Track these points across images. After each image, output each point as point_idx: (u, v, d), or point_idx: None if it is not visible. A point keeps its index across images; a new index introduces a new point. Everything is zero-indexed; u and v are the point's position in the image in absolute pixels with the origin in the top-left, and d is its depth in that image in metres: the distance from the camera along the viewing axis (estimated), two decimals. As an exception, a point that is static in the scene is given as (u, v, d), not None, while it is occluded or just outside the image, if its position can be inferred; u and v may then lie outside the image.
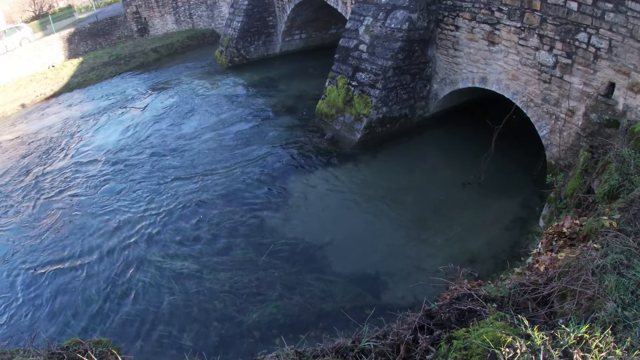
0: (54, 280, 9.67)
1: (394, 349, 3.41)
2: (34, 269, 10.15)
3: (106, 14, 35.03)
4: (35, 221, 12.03)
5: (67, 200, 12.74)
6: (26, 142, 17.88)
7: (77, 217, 11.74)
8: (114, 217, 11.45)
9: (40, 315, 8.83)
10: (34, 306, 9.09)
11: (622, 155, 5.92)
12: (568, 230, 5.26)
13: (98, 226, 11.19)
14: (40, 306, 9.06)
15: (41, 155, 16.31)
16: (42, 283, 9.67)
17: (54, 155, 16.10)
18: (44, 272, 9.99)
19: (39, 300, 9.21)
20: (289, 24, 23.73)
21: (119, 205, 11.94)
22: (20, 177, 14.83)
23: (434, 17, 12.93)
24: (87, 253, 10.31)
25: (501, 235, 9.33)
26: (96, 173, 13.96)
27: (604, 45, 8.74)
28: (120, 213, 11.56)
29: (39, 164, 15.51)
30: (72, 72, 26.46)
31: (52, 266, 10.13)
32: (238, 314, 7.90)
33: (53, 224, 11.68)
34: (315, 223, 10.24)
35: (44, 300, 9.19)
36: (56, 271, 9.94)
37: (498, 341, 2.72)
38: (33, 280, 9.81)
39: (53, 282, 9.61)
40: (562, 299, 3.42)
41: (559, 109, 10.05)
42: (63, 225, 11.54)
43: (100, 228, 11.10)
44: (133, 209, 11.63)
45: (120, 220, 11.24)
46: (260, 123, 16.05)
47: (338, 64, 14.84)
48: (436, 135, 13.80)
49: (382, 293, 8.11)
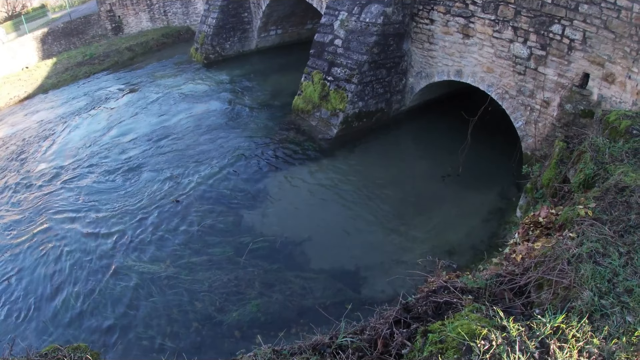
0: (30, 288, 9.42)
1: (371, 344, 3.35)
2: (7, 279, 9.86)
3: (80, 12, 34.35)
4: (7, 228, 11.71)
5: (40, 204, 12.40)
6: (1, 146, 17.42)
7: (49, 221, 11.43)
8: (88, 219, 11.17)
9: (17, 323, 8.59)
10: (11, 315, 8.84)
11: (596, 145, 5.94)
12: (544, 220, 5.26)
13: (71, 230, 10.90)
14: (18, 315, 8.81)
15: (13, 159, 15.88)
16: (18, 292, 9.41)
17: (26, 158, 15.70)
18: (18, 280, 9.72)
19: (15, 309, 8.96)
20: (265, 20, 23.52)
21: (92, 207, 11.65)
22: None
23: (409, 10, 12.91)
24: (61, 258, 10.03)
25: (479, 226, 9.38)
26: (69, 176, 13.62)
27: (578, 37, 8.81)
28: (93, 215, 11.30)
29: (10, 168, 15.09)
30: (46, 73, 25.92)
31: (26, 274, 9.86)
32: (218, 314, 7.78)
33: (25, 229, 11.38)
34: (293, 220, 10.15)
35: (21, 308, 8.94)
36: (31, 278, 9.68)
37: (473, 334, 2.67)
38: (8, 289, 9.54)
39: (29, 290, 9.36)
40: (538, 288, 3.40)
41: (534, 100, 10.12)
42: (35, 230, 11.23)
43: (74, 232, 10.82)
44: (107, 211, 11.36)
45: (94, 223, 10.97)
46: (235, 120, 15.85)
47: (314, 59, 14.74)
48: (413, 129, 13.82)
49: (362, 288, 8.08)
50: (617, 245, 3.49)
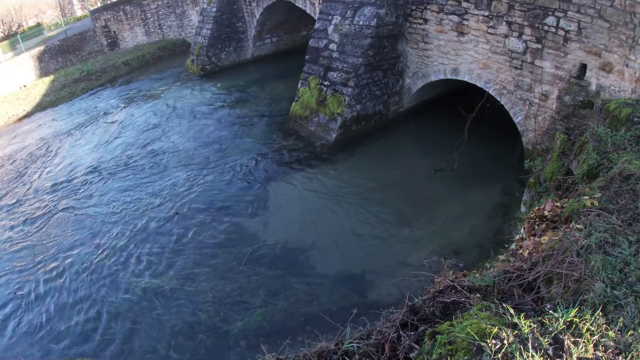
0: (34, 302, 9.34)
1: (378, 348, 3.25)
2: (14, 292, 9.79)
3: (76, 29, 34.43)
4: (9, 242, 11.65)
5: (42, 219, 12.33)
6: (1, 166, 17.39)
7: (51, 236, 11.39)
8: (90, 233, 11.10)
9: (20, 339, 8.49)
10: (15, 330, 8.74)
11: (598, 134, 5.86)
12: (549, 213, 5.16)
13: (74, 245, 10.83)
14: (22, 329, 8.71)
15: (12, 177, 15.84)
16: (21, 307, 9.31)
17: (26, 174, 15.68)
18: (22, 294, 9.64)
19: (19, 324, 8.86)
20: (259, 29, 23.55)
21: (95, 221, 11.59)
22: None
23: (402, 11, 12.87)
24: (65, 272, 9.96)
25: (484, 223, 9.27)
26: (69, 192, 13.55)
27: (573, 28, 8.75)
28: (96, 229, 11.23)
29: (9, 187, 15.04)
30: (44, 91, 26.02)
31: (31, 288, 9.77)
32: (223, 324, 7.67)
33: (28, 244, 11.33)
34: (295, 226, 10.04)
35: (24, 323, 8.84)
36: (36, 293, 9.60)
37: (483, 333, 2.57)
38: (13, 304, 9.46)
39: (33, 305, 9.28)
40: (548, 283, 3.29)
41: (533, 94, 10.04)
42: (38, 244, 11.19)
43: (76, 247, 10.74)
44: (106, 224, 11.30)
45: (98, 237, 10.90)
46: (233, 129, 15.79)
47: (309, 64, 14.69)
48: (412, 130, 13.74)
49: (368, 291, 7.95)
50: (626, 234, 3.39)
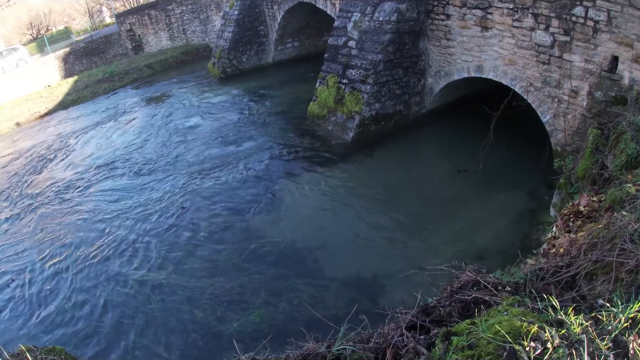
0: (25, 292, 9.06)
1: (378, 354, 2.66)
2: (12, 279, 9.56)
3: (102, 34, 34.81)
4: (15, 231, 11.55)
5: (49, 210, 12.19)
6: (18, 158, 17.37)
7: (55, 225, 11.25)
8: (92, 222, 10.96)
9: (6, 327, 8.20)
10: (2, 319, 8.46)
11: (636, 123, 5.31)
12: (585, 208, 4.53)
13: (73, 233, 10.64)
14: (9, 319, 8.42)
15: (30, 170, 15.77)
16: (13, 296, 9.05)
17: (42, 169, 15.60)
18: (17, 284, 9.41)
19: (8, 313, 8.59)
20: (281, 33, 23.22)
21: (97, 211, 11.47)
22: (5, 190, 14.31)
23: (424, 7, 12.32)
24: (63, 261, 9.72)
25: (509, 228, 8.53)
26: (81, 185, 13.37)
27: (602, 18, 8.10)
28: (97, 218, 11.12)
29: (26, 180, 14.92)
30: (67, 90, 26.22)
31: (24, 276, 9.56)
32: (218, 324, 7.16)
33: (30, 232, 11.22)
34: (306, 226, 9.50)
35: (14, 312, 8.57)
36: (30, 281, 9.36)
37: (518, 332, 1.93)
38: (6, 292, 9.20)
39: (24, 295, 8.99)
40: (590, 280, 2.67)
41: (561, 90, 9.35)
42: (40, 233, 11.05)
43: (75, 235, 10.55)
44: (111, 215, 11.15)
45: (99, 227, 10.73)
46: (249, 129, 15.44)
47: (328, 63, 14.22)
48: (435, 132, 13.09)
49: (379, 297, 7.28)
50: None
